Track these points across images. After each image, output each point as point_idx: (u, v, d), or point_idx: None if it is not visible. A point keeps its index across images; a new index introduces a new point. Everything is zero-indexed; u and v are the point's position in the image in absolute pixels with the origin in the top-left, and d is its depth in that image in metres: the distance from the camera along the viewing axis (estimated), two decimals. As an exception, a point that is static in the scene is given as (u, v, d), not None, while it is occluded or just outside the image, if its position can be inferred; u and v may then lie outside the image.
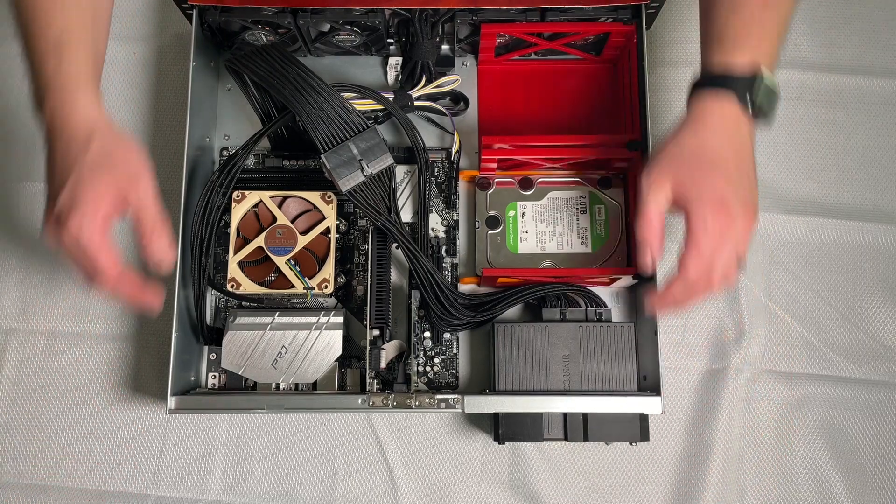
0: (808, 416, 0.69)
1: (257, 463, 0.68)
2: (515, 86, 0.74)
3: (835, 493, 0.67)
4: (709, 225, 0.52)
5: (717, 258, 0.52)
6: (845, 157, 0.74)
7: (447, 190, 0.71)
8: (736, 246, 0.52)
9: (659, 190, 0.53)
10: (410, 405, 0.61)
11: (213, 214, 0.63)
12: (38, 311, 0.71)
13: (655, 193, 0.53)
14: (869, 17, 0.77)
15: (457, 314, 0.64)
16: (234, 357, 0.65)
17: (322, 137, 0.60)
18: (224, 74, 0.73)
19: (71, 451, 0.69)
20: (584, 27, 0.68)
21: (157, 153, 0.75)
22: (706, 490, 0.67)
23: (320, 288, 0.64)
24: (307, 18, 0.66)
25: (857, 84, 0.76)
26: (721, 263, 0.52)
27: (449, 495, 0.67)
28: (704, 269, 0.52)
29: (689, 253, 0.52)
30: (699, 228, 0.52)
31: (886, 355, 0.70)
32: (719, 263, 0.52)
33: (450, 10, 0.66)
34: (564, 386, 0.63)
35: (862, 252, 0.72)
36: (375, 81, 0.74)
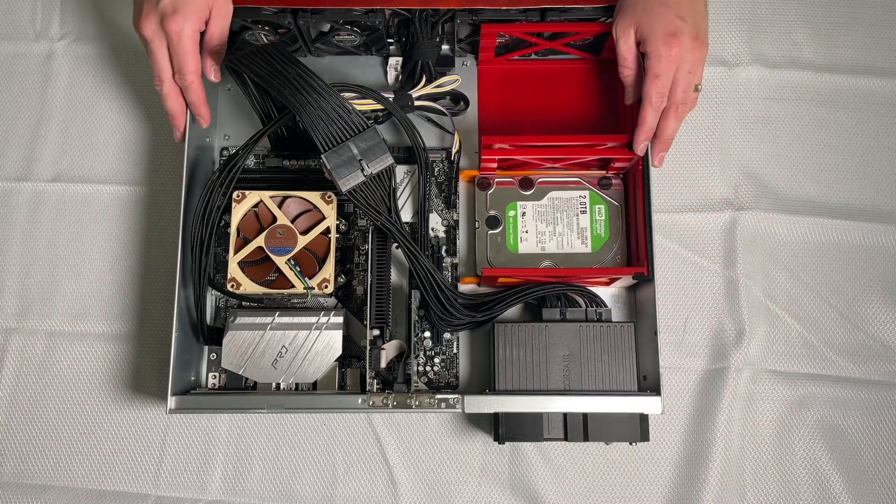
0: (808, 416, 0.69)
1: (257, 463, 0.68)
2: (515, 86, 0.74)
3: (835, 493, 0.67)
4: (662, 54, 0.61)
5: (675, 80, 0.62)
6: (845, 157, 0.74)
7: (447, 190, 0.71)
8: (690, 69, 0.61)
9: (626, 35, 0.63)
10: (410, 405, 0.61)
11: (214, 214, 0.63)
12: (38, 311, 0.71)
13: (625, 39, 0.63)
14: (869, 18, 0.77)
15: (457, 314, 0.64)
16: (234, 357, 0.65)
17: (322, 137, 0.60)
18: (224, 74, 0.73)
19: (71, 450, 0.69)
20: (584, 27, 0.68)
21: (157, 153, 0.75)
22: (706, 490, 0.67)
23: (320, 288, 0.64)
24: (307, 18, 0.66)
25: (857, 84, 0.76)
26: (679, 86, 0.62)
27: (449, 495, 0.67)
28: (663, 90, 0.62)
29: (648, 81, 0.62)
30: (654, 59, 0.61)
31: (886, 355, 0.70)
32: (678, 86, 0.62)
33: (450, 10, 0.66)
34: (564, 386, 0.63)
35: (862, 252, 0.72)
36: (375, 81, 0.74)
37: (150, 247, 0.73)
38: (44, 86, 0.76)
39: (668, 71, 0.61)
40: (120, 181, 0.74)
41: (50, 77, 0.77)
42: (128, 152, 0.75)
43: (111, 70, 0.77)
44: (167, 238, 0.71)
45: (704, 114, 0.75)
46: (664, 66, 0.61)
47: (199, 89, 0.64)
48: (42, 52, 0.77)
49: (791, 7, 0.78)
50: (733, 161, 0.74)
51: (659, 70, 0.61)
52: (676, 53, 0.60)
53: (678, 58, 0.61)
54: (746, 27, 0.77)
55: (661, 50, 0.61)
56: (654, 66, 0.61)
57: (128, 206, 0.73)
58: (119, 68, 0.77)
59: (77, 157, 0.75)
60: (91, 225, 0.73)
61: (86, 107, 0.76)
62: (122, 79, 0.77)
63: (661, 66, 0.61)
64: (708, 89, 0.75)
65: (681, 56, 0.61)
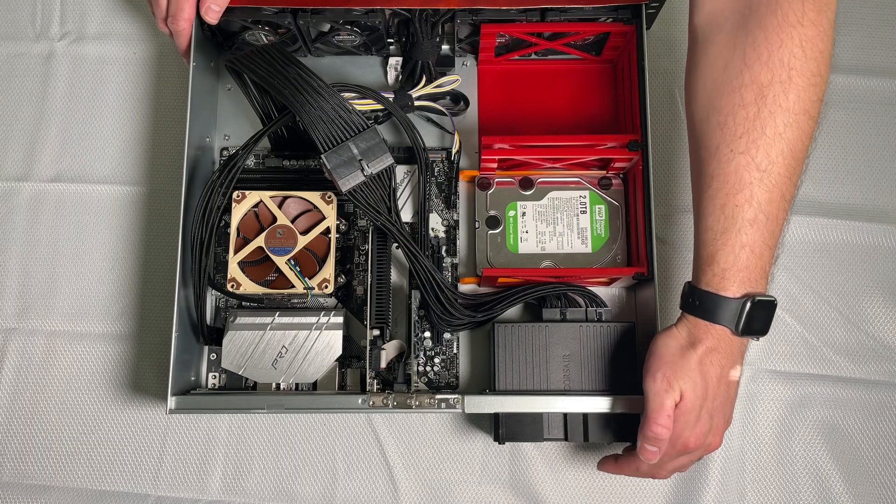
0: (808, 416, 0.69)
1: (257, 463, 0.68)
2: (515, 86, 0.74)
3: (835, 493, 0.67)
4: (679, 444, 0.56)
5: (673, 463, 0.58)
6: (845, 157, 0.74)
7: (447, 190, 0.71)
8: (696, 458, 0.58)
9: (671, 392, 0.55)
10: (410, 405, 0.61)
11: (214, 214, 0.63)
12: (38, 311, 0.71)
13: (670, 394, 0.55)
14: (869, 18, 0.77)
15: (457, 314, 0.64)
16: (234, 357, 0.65)
17: (322, 137, 0.60)
18: (224, 74, 0.73)
19: (71, 450, 0.69)
20: (584, 27, 0.68)
21: (157, 153, 0.75)
22: (706, 490, 0.67)
23: (320, 288, 0.64)
24: (307, 18, 0.66)
25: (857, 84, 0.76)
26: (676, 465, 0.58)
27: (449, 495, 0.67)
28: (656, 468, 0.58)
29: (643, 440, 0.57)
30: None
31: (886, 355, 0.70)
32: (674, 465, 0.58)
33: (450, 10, 0.65)
34: (564, 386, 0.63)
35: (862, 252, 0.72)
36: (375, 81, 0.74)
37: (150, 247, 0.73)
38: (44, 86, 0.76)
39: (686, 462, 0.58)
40: (120, 181, 0.74)
41: (50, 77, 0.77)
42: (128, 152, 0.75)
43: (111, 70, 0.77)
44: (167, 238, 0.71)
45: (704, 114, 0.75)
46: (686, 456, 0.57)
47: (186, 38, 0.65)
48: (42, 52, 0.77)
49: (791, 7, 0.78)
50: (733, 161, 0.74)
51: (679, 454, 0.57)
52: (705, 446, 0.57)
53: (704, 447, 0.57)
54: (746, 27, 0.77)
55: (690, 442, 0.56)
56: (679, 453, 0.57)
57: (128, 206, 0.73)
58: (119, 68, 0.77)
59: (77, 157, 0.75)
60: (91, 225, 0.73)
61: (86, 107, 0.76)
62: (122, 78, 0.77)
63: (682, 453, 0.57)
64: (708, 89, 0.76)
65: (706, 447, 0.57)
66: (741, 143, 0.53)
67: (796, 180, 0.55)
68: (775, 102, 0.53)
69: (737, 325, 0.54)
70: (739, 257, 0.54)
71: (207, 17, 0.64)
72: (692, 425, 0.55)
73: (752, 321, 0.54)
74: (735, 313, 0.54)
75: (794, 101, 0.53)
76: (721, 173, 0.54)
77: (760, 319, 0.55)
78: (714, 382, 0.55)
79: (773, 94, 0.53)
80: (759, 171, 0.53)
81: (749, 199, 0.53)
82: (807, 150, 0.55)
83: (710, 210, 0.55)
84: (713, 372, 0.55)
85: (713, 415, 0.56)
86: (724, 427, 0.57)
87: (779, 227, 0.55)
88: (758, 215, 0.54)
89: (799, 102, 0.53)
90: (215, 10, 0.64)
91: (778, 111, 0.53)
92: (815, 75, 0.53)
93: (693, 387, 0.55)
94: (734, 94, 0.54)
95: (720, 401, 0.56)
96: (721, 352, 0.55)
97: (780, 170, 0.53)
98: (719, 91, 0.55)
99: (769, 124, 0.53)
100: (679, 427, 0.55)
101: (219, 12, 0.64)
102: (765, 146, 0.53)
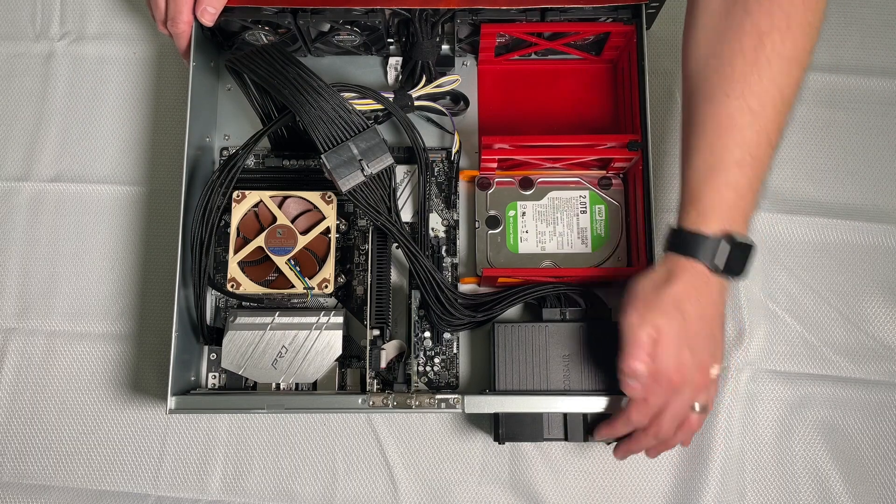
0: (808, 416, 0.69)
1: (257, 463, 0.68)
2: (515, 86, 0.74)
3: (835, 493, 0.67)
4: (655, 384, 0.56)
5: (664, 408, 0.56)
6: (845, 157, 0.74)
7: (447, 190, 0.71)
8: (688, 399, 0.56)
9: (644, 326, 0.55)
10: (410, 405, 0.61)
11: (213, 214, 0.63)
12: (38, 311, 0.71)
13: (644, 328, 0.55)
14: (869, 18, 0.77)
15: (457, 314, 0.64)
16: (234, 357, 0.65)
17: (322, 137, 0.60)
18: (224, 74, 0.73)
19: (71, 450, 0.69)
20: (584, 27, 0.68)
21: (157, 153, 0.75)
22: (706, 490, 0.67)
23: (320, 288, 0.64)
24: (307, 18, 0.66)
25: (857, 84, 0.76)
26: (671, 411, 0.56)
27: (449, 495, 0.67)
28: (647, 415, 0.57)
29: (630, 403, 0.57)
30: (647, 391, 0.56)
31: (886, 355, 0.70)
32: (669, 412, 0.56)
33: (450, 10, 0.65)
34: (564, 386, 0.63)
35: (862, 252, 0.72)
36: (375, 81, 0.74)
37: (150, 247, 0.73)
38: (44, 86, 0.76)
39: (663, 397, 0.56)
40: (120, 181, 0.74)
41: (50, 77, 0.77)
42: (128, 152, 0.75)
43: (111, 70, 0.77)
44: (167, 238, 0.71)
45: (704, 114, 0.75)
46: (660, 392, 0.56)
47: (186, 40, 0.66)
48: (42, 52, 0.77)
49: (791, 7, 0.78)
50: (733, 161, 0.74)
51: (653, 392, 0.56)
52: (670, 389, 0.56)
53: (672, 393, 0.56)
54: (746, 27, 0.77)
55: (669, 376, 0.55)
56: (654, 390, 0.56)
57: (128, 206, 0.73)
58: (119, 68, 0.77)
59: (77, 157, 0.75)
60: (91, 225, 0.73)
61: (86, 107, 0.76)
62: (122, 78, 0.77)
63: (656, 391, 0.56)
64: (708, 89, 0.76)
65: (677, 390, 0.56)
66: (736, 88, 0.55)
67: (783, 127, 0.56)
68: (773, 50, 0.54)
69: (714, 263, 0.55)
70: (724, 196, 0.55)
71: (203, 19, 0.64)
72: (672, 359, 0.55)
73: (731, 260, 0.55)
74: (713, 250, 0.55)
75: (791, 49, 0.54)
76: (714, 116, 0.56)
77: (738, 260, 0.56)
78: (694, 319, 0.55)
79: (772, 41, 0.54)
80: (752, 115, 0.55)
81: (739, 141, 0.55)
82: (795, 98, 0.56)
83: (699, 151, 0.56)
84: (692, 309, 0.55)
85: (695, 351, 0.55)
86: (711, 364, 0.57)
87: (764, 171, 0.56)
88: (745, 157, 0.55)
89: (794, 51, 0.55)
90: (211, 13, 0.64)
91: (774, 58, 0.54)
92: (810, 25, 0.55)
93: (668, 321, 0.55)
94: (734, 41, 0.55)
95: (702, 338, 0.56)
96: (699, 289, 0.56)
97: (769, 114, 0.55)
98: (719, 37, 0.56)
99: (765, 71, 0.54)
100: (659, 362, 0.55)
101: (215, 14, 0.65)
102: (759, 92, 0.54)
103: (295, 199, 0.66)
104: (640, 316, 0.56)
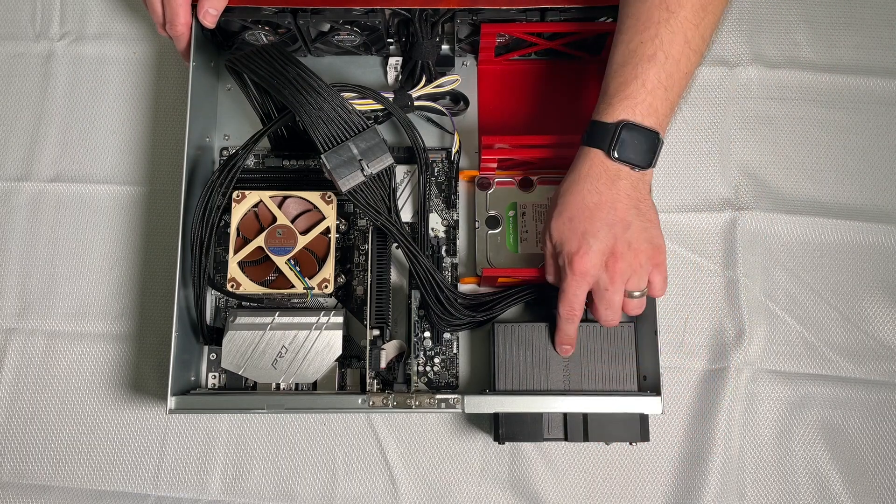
0: (808, 416, 0.69)
1: (257, 463, 0.68)
2: (515, 86, 0.74)
3: (835, 493, 0.67)
4: (567, 271, 0.58)
5: (595, 297, 0.59)
6: (845, 157, 0.74)
7: (447, 190, 0.71)
8: (607, 286, 0.58)
9: (544, 241, 0.61)
10: (410, 405, 0.61)
11: (213, 214, 0.63)
12: (38, 311, 0.71)
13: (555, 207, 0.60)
14: (869, 18, 0.77)
15: (457, 314, 0.64)
16: (234, 357, 0.65)
17: (322, 137, 0.60)
18: (224, 74, 0.73)
19: (71, 451, 0.69)
20: (584, 27, 0.68)
21: (157, 153, 0.75)
22: (706, 490, 0.67)
23: (320, 288, 0.64)
24: (307, 18, 0.66)
25: (857, 84, 0.76)
26: (600, 303, 0.59)
27: (449, 495, 0.67)
28: (570, 307, 0.59)
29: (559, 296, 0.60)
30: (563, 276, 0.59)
31: (886, 355, 0.70)
32: (599, 303, 0.59)
33: (450, 10, 0.66)
34: (564, 386, 0.63)
35: (862, 252, 0.72)
36: (375, 81, 0.74)
37: (150, 247, 0.73)
38: (44, 86, 0.76)
39: (573, 287, 0.58)
40: (120, 181, 0.74)
41: (50, 77, 0.77)
42: (128, 152, 0.75)
43: (111, 70, 0.77)
44: (167, 238, 0.71)
45: (704, 114, 0.75)
46: (570, 282, 0.58)
47: (186, 41, 0.66)
48: (42, 52, 0.77)
49: (791, 7, 0.78)
50: (733, 161, 0.74)
51: (564, 286, 0.59)
52: (583, 270, 0.57)
53: (585, 274, 0.58)
54: (746, 27, 0.77)
55: (567, 267, 0.58)
56: (563, 282, 0.59)
57: (128, 206, 0.73)
58: (119, 68, 0.77)
59: (77, 157, 0.75)
60: (91, 225, 0.73)
61: (86, 107, 0.76)
62: (122, 78, 0.77)
63: (566, 283, 0.59)
64: (708, 89, 0.76)
65: (587, 272, 0.58)
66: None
67: (704, 32, 0.58)
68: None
69: (609, 148, 0.57)
70: (627, 86, 0.57)
71: (205, 21, 0.65)
72: (564, 231, 0.58)
73: (626, 147, 0.57)
74: (610, 138, 0.57)
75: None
76: (634, 13, 0.58)
77: (636, 148, 0.57)
78: (590, 205, 0.57)
79: None
80: (668, 12, 0.57)
81: (653, 37, 0.57)
82: (718, 5, 0.58)
83: (617, 47, 0.59)
84: (590, 198, 0.57)
85: (586, 234, 0.57)
86: (594, 251, 0.57)
87: (679, 70, 0.57)
88: (657, 52, 0.56)
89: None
90: (213, 14, 0.65)
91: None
92: None
93: (566, 200, 0.59)
94: None
95: (598, 225, 0.57)
96: (594, 176, 0.58)
97: (686, 14, 0.57)
98: None
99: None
100: (550, 229, 0.60)
101: (216, 16, 0.65)
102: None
103: (295, 199, 0.66)
104: (553, 198, 0.61)
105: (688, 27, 0.57)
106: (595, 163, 0.58)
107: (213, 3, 0.64)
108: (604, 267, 0.58)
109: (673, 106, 0.58)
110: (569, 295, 0.59)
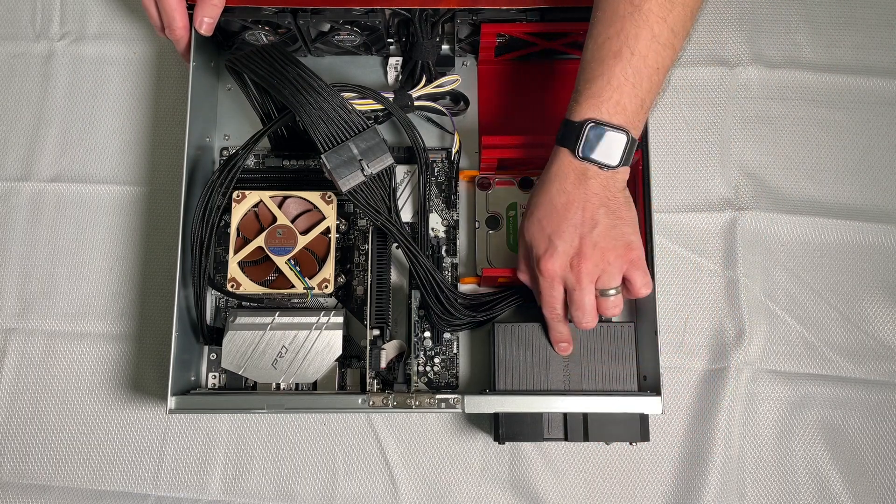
0: (808, 416, 0.69)
1: (257, 463, 0.68)
2: (515, 86, 0.74)
3: (835, 493, 0.67)
4: (538, 273, 0.59)
5: (569, 297, 0.59)
6: (845, 157, 0.74)
7: (447, 190, 0.71)
8: (574, 286, 0.58)
9: (520, 243, 0.62)
10: (410, 405, 0.61)
11: (213, 214, 0.63)
12: (38, 311, 0.71)
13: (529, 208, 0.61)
14: (869, 18, 0.77)
15: (457, 314, 0.64)
16: (234, 357, 0.65)
17: (322, 137, 0.60)
18: (224, 74, 0.73)
19: (71, 451, 0.69)
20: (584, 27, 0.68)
21: (157, 153, 0.75)
22: (706, 490, 0.67)
23: (320, 288, 0.64)
24: (307, 18, 0.66)
25: (857, 84, 0.76)
26: (574, 303, 0.59)
27: (449, 495, 0.67)
28: (550, 307, 0.60)
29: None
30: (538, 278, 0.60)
31: (886, 355, 0.70)
32: (571, 303, 0.59)
33: (450, 10, 0.66)
34: (564, 386, 0.63)
35: (862, 252, 0.72)
36: (375, 81, 0.74)
37: (150, 247, 0.73)
38: (44, 86, 0.76)
39: (547, 289, 0.60)
40: (120, 181, 0.74)
41: (50, 77, 0.77)
42: (128, 152, 0.75)
43: (111, 70, 0.77)
44: (167, 238, 0.71)
45: (704, 114, 0.75)
46: (542, 284, 0.59)
47: (185, 43, 0.67)
48: (42, 52, 0.77)
49: (791, 7, 0.78)
50: (733, 161, 0.74)
51: (538, 288, 0.60)
52: (550, 272, 0.58)
53: (553, 276, 0.59)
54: (746, 27, 0.77)
55: (536, 269, 0.59)
56: (536, 284, 0.61)
57: (128, 206, 0.73)
58: (119, 68, 0.77)
59: (77, 157, 0.75)
60: (91, 225, 0.73)
61: (86, 107, 0.76)
62: (122, 78, 0.77)
63: (539, 285, 0.60)
64: (708, 89, 0.76)
65: (555, 274, 0.58)
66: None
67: (673, 25, 0.56)
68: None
69: (575, 147, 0.57)
70: (594, 84, 0.57)
71: (201, 30, 0.65)
72: (534, 233, 0.59)
73: (592, 146, 0.56)
74: (576, 137, 0.57)
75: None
76: (602, 6, 0.58)
77: (603, 147, 0.56)
78: (559, 206, 0.58)
79: None
80: (633, 6, 0.56)
81: (618, 32, 0.56)
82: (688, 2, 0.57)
83: (587, 43, 0.58)
84: (558, 198, 0.58)
85: (552, 235, 0.58)
86: (560, 252, 0.58)
87: (647, 66, 0.56)
88: (622, 49, 0.56)
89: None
90: (208, 23, 0.65)
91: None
92: None
93: (537, 200, 0.60)
94: None
95: (565, 226, 0.57)
96: (562, 176, 0.58)
97: (651, 6, 0.56)
98: None
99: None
100: (521, 227, 0.61)
101: (212, 23, 0.65)
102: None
103: (295, 199, 0.66)
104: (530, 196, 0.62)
105: (654, 21, 0.56)
106: (564, 163, 0.58)
107: (208, 11, 0.64)
108: (569, 268, 0.58)
109: (644, 102, 0.57)
110: (545, 296, 0.60)
